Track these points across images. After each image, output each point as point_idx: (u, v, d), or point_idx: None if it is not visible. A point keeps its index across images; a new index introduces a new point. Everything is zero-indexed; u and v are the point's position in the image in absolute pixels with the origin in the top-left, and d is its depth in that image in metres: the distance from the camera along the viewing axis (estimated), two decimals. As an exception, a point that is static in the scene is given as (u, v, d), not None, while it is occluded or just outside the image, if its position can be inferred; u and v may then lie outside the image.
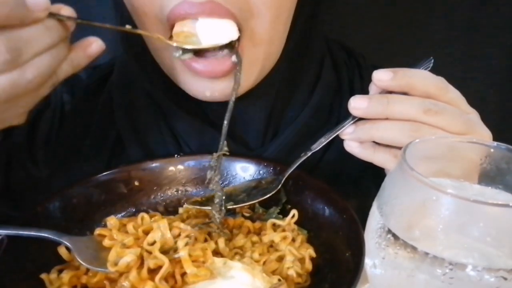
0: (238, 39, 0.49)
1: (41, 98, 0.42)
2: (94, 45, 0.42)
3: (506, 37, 0.97)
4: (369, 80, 0.48)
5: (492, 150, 0.38)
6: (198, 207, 0.52)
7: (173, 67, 0.53)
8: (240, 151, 0.60)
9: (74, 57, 0.42)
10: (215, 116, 0.60)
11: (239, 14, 0.47)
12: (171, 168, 0.57)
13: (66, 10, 0.39)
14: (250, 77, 0.53)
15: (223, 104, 0.57)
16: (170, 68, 0.54)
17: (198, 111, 0.61)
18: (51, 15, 0.38)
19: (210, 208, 0.51)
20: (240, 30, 0.49)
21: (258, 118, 0.60)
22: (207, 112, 0.61)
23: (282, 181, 0.53)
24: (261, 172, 0.56)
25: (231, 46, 0.49)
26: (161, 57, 0.54)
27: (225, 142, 0.49)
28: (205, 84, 0.51)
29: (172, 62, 0.52)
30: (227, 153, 0.49)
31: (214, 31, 0.47)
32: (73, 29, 0.42)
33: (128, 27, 0.45)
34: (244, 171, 0.57)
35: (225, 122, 0.48)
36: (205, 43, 0.48)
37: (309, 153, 0.52)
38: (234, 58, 0.49)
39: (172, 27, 0.49)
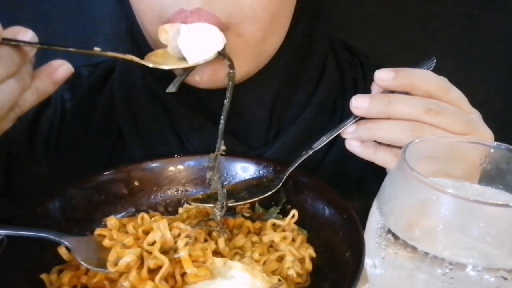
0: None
1: (2, 132, 0.39)
2: (61, 70, 0.39)
3: (507, 36, 0.97)
4: (372, 79, 0.48)
5: (492, 150, 0.38)
6: (199, 204, 0.52)
7: None
8: (242, 150, 0.60)
9: (39, 85, 0.38)
10: (217, 112, 0.60)
11: (228, 20, 0.48)
12: (171, 168, 0.57)
13: (24, 34, 0.36)
14: (238, 71, 0.52)
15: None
16: None
17: (200, 108, 0.61)
18: (5, 41, 0.34)
19: (211, 205, 0.51)
20: (228, 29, 0.49)
21: (259, 117, 0.60)
22: (209, 109, 0.61)
23: (284, 179, 0.53)
24: (261, 172, 0.56)
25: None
26: (158, 45, 0.54)
27: (223, 141, 0.49)
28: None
29: None
30: (223, 153, 0.49)
31: (199, 42, 0.47)
32: (34, 53, 0.37)
33: (96, 49, 0.41)
34: (244, 171, 0.57)
35: (222, 121, 0.48)
36: (189, 60, 0.48)
37: (311, 152, 0.52)
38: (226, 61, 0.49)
39: None
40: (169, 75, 0.57)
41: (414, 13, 0.96)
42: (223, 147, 0.49)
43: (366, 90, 0.51)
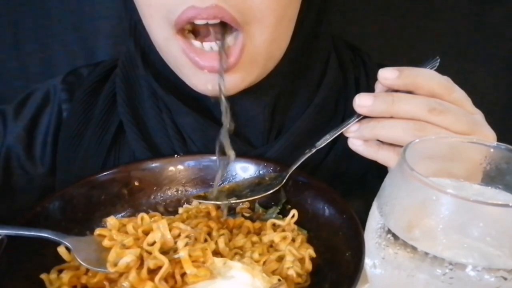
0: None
1: None
2: None
3: (510, 35, 0.97)
4: (375, 78, 0.48)
5: (492, 150, 0.38)
6: (201, 201, 0.53)
7: (177, 62, 0.53)
8: (244, 149, 0.60)
9: None
10: (218, 112, 0.60)
11: (241, 18, 0.48)
12: (171, 168, 0.57)
13: None
14: (248, 76, 0.53)
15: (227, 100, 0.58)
16: (175, 63, 0.54)
17: (203, 108, 0.61)
18: None
19: (213, 202, 0.52)
20: (241, 31, 0.49)
21: (260, 116, 0.60)
22: (210, 109, 0.61)
23: (286, 177, 0.53)
24: (261, 172, 0.56)
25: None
26: (167, 54, 0.54)
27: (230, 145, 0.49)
28: (207, 78, 0.51)
29: (176, 58, 0.53)
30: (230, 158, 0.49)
31: None
32: None
33: None
34: (244, 171, 0.57)
35: (225, 122, 0.48)
36: None
37: (314, 150, 0.52)
38: (237, 51, 0.49)
39: (180, 29, 0.49)
40: (172, 76, 0.57)
41: (417, 12, 0.96)
42: (232, 153, 0.49)
43: (369, 89, 0.51)
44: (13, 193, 0.62)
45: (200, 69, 0.50)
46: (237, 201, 0.52)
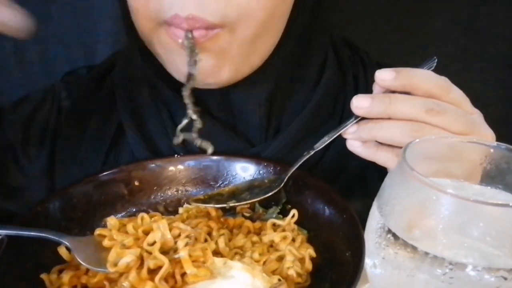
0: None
1: None
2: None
3: (507, 35, 0.97)
4: (373, 76, 0.48)
5: (492, 150, 0.38)
6: (200, 204, 0.53)
7: (163, 48, 0.53)
8: (242, 146, 0.60)
9: None
10: (214, 107, 0.60)
11: (223, 20, 0.48)
12: (171, 168, 0.57)
13: None
14: (224, 65, 0.52)
15: (223, 97, 0.58)
16: (161, 51, 0.55)
17: (199, 104, 0.61)
18: None
19: (212, 206, 0.52)
20: (223, 26, 0.48)
21: (256, 113, 0.60)
22: (206, 103, 0.61)
23: (285, 180, 0.53)
24: (261, 172, 0.56)
25: None
26: (153, 41, 0.54)
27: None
28: (185, 60, 0.50)
29: (160, 43, 0.53)
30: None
31: None
32: None
33: None
34: (244, 171, 0.57)
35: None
36: None
37: (312, 152, 0.52)
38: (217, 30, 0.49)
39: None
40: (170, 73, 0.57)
41: (415, 13, 0.96)
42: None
43: (367, 87, 0.51)
44: (11, 192, 0.62)
45: (179, 40, 0.49)
46: (236, 204, 0.52)
